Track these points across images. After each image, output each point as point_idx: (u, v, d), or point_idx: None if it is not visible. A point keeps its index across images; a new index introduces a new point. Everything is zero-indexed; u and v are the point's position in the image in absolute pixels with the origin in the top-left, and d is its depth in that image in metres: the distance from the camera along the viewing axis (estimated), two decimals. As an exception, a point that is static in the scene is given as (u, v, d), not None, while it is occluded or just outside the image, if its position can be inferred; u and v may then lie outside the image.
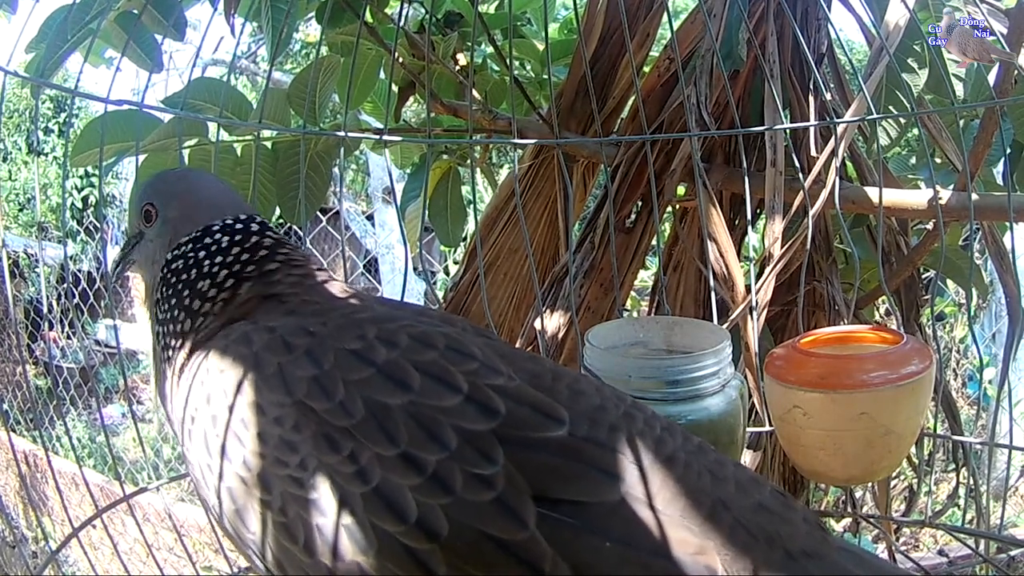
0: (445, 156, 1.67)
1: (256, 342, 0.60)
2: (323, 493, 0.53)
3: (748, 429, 0.95)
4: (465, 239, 2.32)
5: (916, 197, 1.27)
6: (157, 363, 0.71)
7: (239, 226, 0.72)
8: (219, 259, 0.70)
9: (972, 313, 3.18)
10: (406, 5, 1.43)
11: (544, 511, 0.50)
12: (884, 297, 1.34)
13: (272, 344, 0.60)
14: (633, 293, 2.36)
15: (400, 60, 1.49)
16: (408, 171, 1.88)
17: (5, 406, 4.06)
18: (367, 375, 0.56)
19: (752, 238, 1.38)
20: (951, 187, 1.26)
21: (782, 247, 1.23)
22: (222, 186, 0.80)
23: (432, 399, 0.54)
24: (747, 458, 1.30)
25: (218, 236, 0.71)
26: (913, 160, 1.61)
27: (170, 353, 0.69)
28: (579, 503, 0.51)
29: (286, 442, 0.55)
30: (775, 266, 1.22)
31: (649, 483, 0.52)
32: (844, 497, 1.47)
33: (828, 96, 1.35)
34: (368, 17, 1.46)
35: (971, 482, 1.38)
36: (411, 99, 1.67)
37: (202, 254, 0.71)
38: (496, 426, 0.53)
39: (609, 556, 0.49)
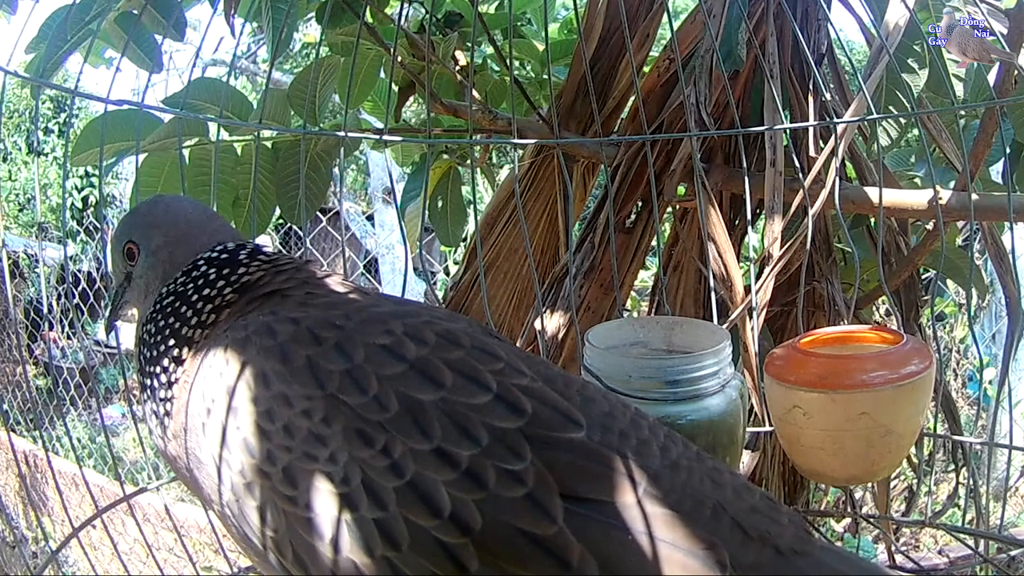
0: (445, 156, 1.67)
1: (281, 333, 0.59)
2: (354, 487, 0.53)
3: (748, 429, 0.95)
4: (465, 239, 2.32)
5: (916, 197, 1.27)
6: (147, 401, 0.69)
7: (225, 256, 0.71)
8: (205, 291, 0.69)
9: (972, 313, 3.18)
10: (406, 5, 1.43)
11: (571, 507, 0.51)
12: (884, 297, 1.34)
13: (299, 336, 0.59)
14: (633, 293, 2.36)
15: (400, 60, 1.49)
16: (408, 170, 1.88)
17: (5, 406, 4.06)
18: (400, 371, 0.56)
19: (752, 238, 1.38)
20: (951, 185, 1.26)
21: (782, 247, 1.23)
22: (199, 205, 0.79)
23: (464, 396, 0.55)
24: (747, 458, 1.30)
25: (204, 268, 0.70)
26: (913, 159, 1.61)
27: (167, 386, 0.66)
28: (602, 502, 0.52)
29: (316, 435, 0.54)
30: (775, 266, 1.22)
31: (660, 487, 0.54)
32: (844, 497, 1.47)
33: (828, 96, 1.35)
34: (368, 17, 1.47)
35: (971, 482, 1.38)
36: (411, 99, 1.67)
37: (190, 286, 0.69)
38: (523, 424, 0.54)
39: (632, 550, 0.51)
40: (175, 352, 0.67)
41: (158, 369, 0.67)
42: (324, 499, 0.53)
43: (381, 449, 0.53)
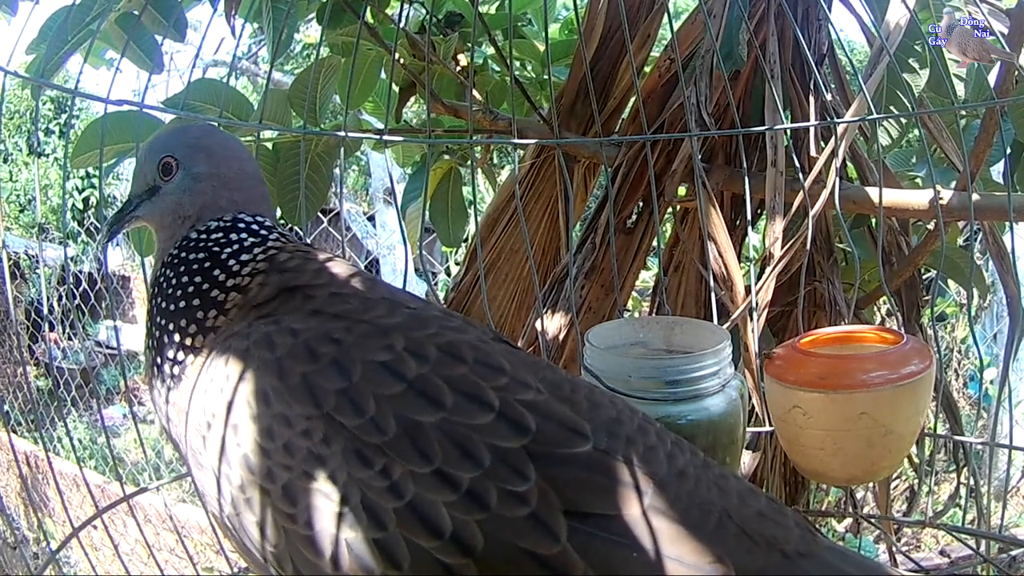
0: (446, 156, 1.67)
1: (279, 347, 0.59)
2: (353, 506, 0.53)
3: (748, 429, 0.95)
4: (466, 240, 2.32)
5: (917, 197, 1.27)
6: (152, 351, 0.67)
7: (263, 231, 0.69)
8: (243, 256, 0.67)
9: (973, 313, 3.18)
10: (406, 5, 1.43)
11: (575, 524, 0.51)
12: (885, 297, 1.34)
13: (296, 351, 0.58)
14: (634, 294, 2.36)
15: (400, 61, 1.49)
16: (409, 171, 1.88)
17: (6, 407, 4.07)
18: (398, 391, 0.55)
19: (753, 238, 1.38)
20: (952, 185, 1.26)
21: (783, 247, 1.23)
22: (246, 152, 0.76)
23: (465, 417, 0.54)
24: (747, 459, 1.30)
25: (243, 235, 0.68)
26: (913, 159, 1.61)
27: (180, 346, 0.65)
28: (607, 516, 0.52)
29: (315, 455, 0.54)
30: (776, 266, 1.22)
31: (666, 496, 0.54)
32: (845, 497, 1.47)
33: (828, 96, 1.35)
34: (369, 18, 1.47)
35: (972, 482, 1.38)
36: (412, 99, 1.67)
37: (227, 250, 0.67)
38: (527, 443, 0.54)
39: (636, 566, 0.51)
40: (199, 314, 0.65)
41: (172, 327, 0.66)
42: (323, 517, 0.53)
43: (380, 470, 0.53)
